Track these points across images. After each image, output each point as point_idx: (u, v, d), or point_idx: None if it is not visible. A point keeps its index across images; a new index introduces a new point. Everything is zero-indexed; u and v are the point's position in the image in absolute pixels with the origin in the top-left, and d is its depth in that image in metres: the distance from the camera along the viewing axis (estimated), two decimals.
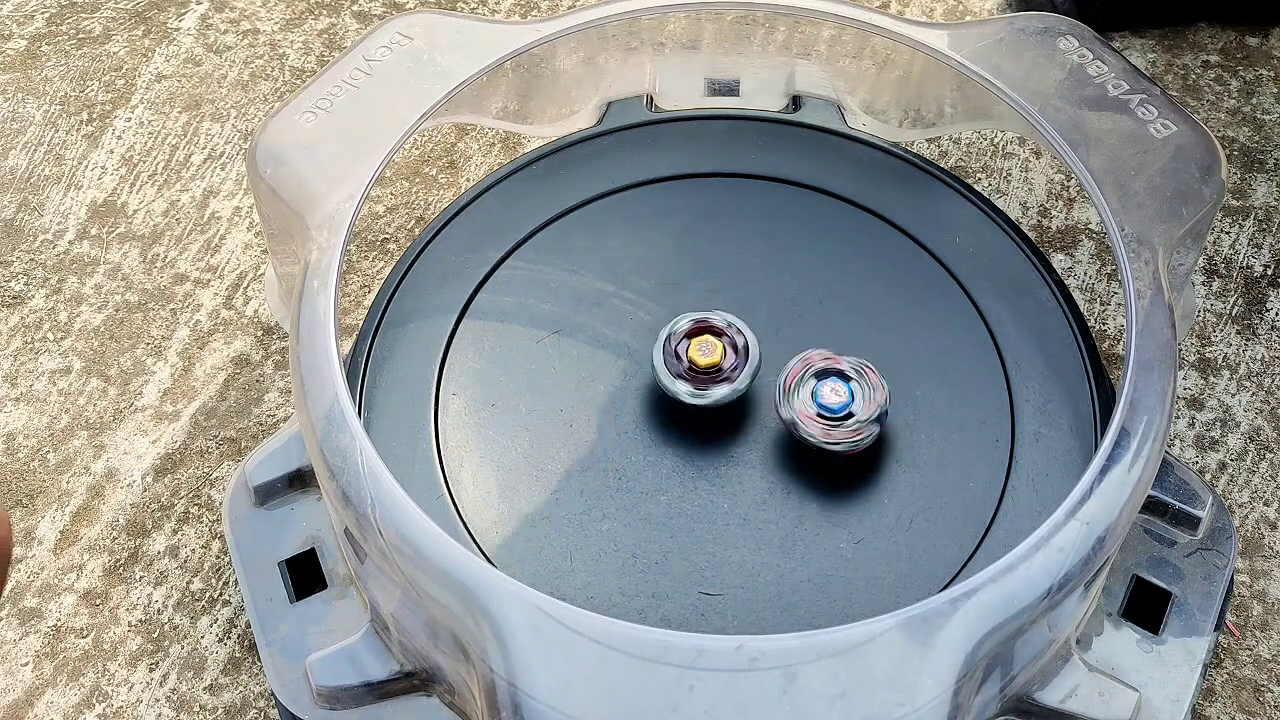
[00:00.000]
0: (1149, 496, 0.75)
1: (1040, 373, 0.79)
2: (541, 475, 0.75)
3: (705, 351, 0.75)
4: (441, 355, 0.79)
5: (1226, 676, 0.85)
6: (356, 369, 0.78)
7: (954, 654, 0.61)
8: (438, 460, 0.75)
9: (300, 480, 0.78)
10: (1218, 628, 0.76)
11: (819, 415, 0.74)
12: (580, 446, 0.76)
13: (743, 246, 0.84)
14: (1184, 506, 0.77)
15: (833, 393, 0.75)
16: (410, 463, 0.75)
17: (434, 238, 0.84)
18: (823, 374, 0.75)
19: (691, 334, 0.76)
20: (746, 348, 0.76)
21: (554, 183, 0.86)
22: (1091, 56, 0.81)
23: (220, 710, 0.84)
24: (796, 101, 0.92)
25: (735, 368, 0.76)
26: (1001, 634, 0.63)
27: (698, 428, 0.77)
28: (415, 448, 0.75)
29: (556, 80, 0.89)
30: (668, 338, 0.76)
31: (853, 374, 0.75)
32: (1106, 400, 0.77)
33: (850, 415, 0.74)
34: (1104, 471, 0.67)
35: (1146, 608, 0.76)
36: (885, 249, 0.84)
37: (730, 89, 0.92)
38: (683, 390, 0.75)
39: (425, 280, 0.82)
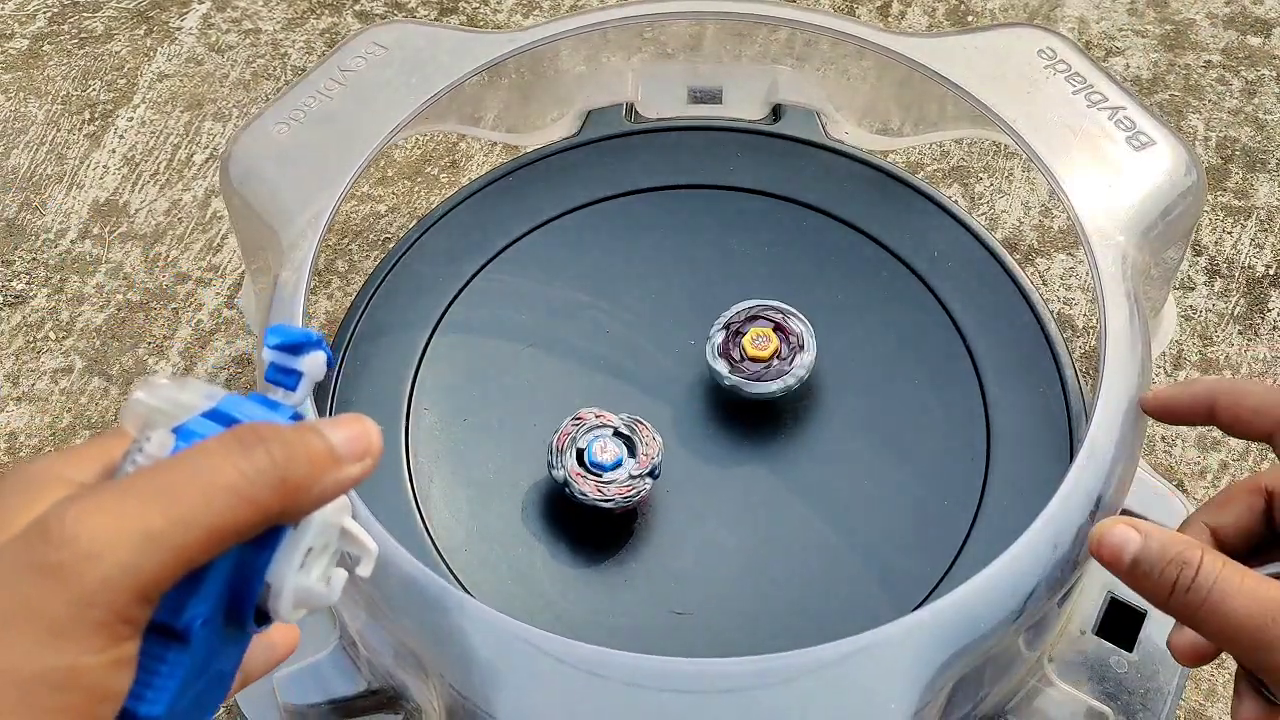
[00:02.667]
0: (1125, 512, 0.75)
1: (1016, 388, 0.78)
2: (513, 492, 0.75)
3: (759, 344, 0.75)
4: (414, 369, 0.79)
5: (1228, 677, 0.85)
6: (328, 383, 0.78)
7: (918, 677, 0.61)
8: (407, 477, 0.75)
9: None
10: None
11: (589, 473, 0.73)
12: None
13: (719, 258, 0.84)
14: (1160, 522, 0.76)
15: (602, 450, 0.74)
16: (378, 480, 0.75)
17: (408, 250, 0.84)
18: (594, 431, 0.74)
19: (748, 323, 0.77)
20: (800, 340, 0.76)
21: (529, 195, 0.86)
22: (1071, 68, 0.81)
23: None
24: (777, 110, 0.91)
25: (786, 359, 0.76)
26: (968, 656, 0.62)
27: (671, 446, 0.76)
28: (384, 464, 0.75)
29: (536, 88, 0.89)
30: (727, 324, 0.77)
31: (626, 430, 0.74)
32: (1081, 415, 0.76)
33: (620, 468, 0.73)
34: (1074, 491, 0.66)
35: (1121, 625, 0.76)
36: (861, 261, 0.84)
37: (712, 97, 0.91)
38: (731, 375, 0.75)
39: (399, 293, 0.82)
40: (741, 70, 0.92)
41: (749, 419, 0.78)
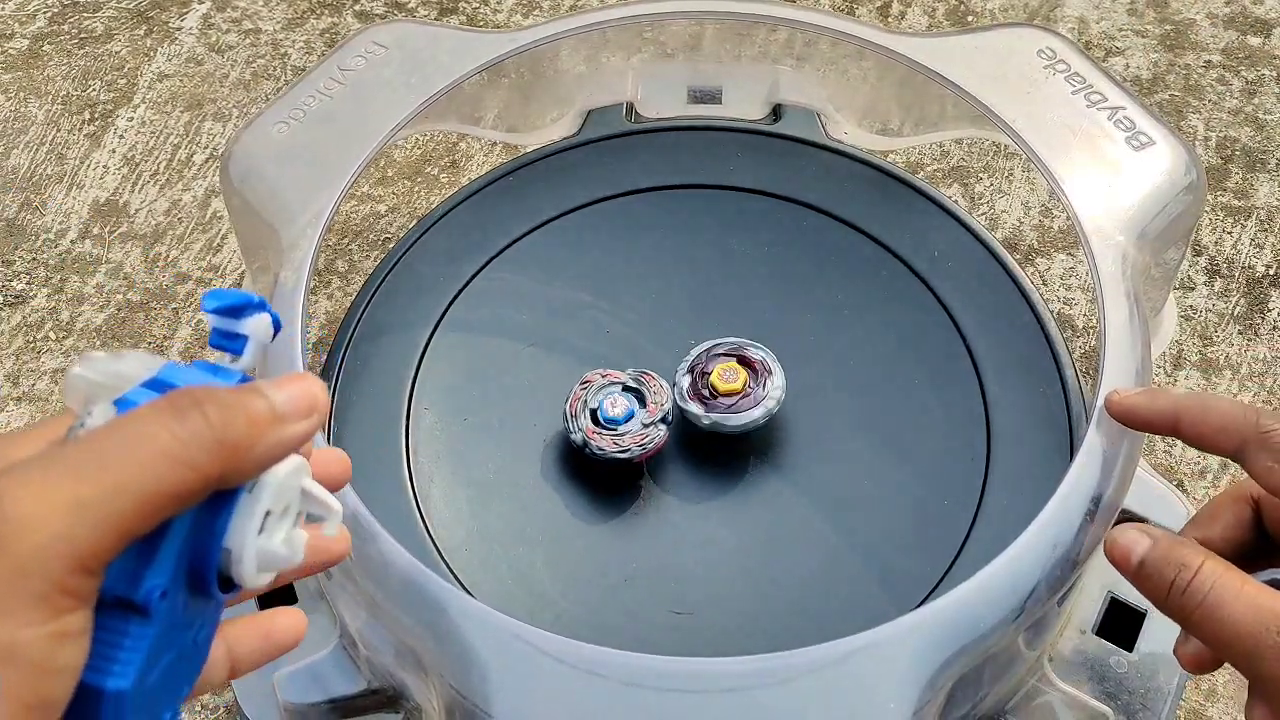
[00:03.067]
0: (1125, 512, 0.75)
1: (1016, 388, 0.78)
2: (514, 492, 0.75)
3: (728, 378, 0.75)
4: (414, 369, 0.79)
5: (1228, 676, 0.85)
6: (328, 383, 0.78)
7: (918, 676, 0.61)
8: (408, 476, 0.75)
9: None
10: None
11: (604, 429, 0.75)
12: (554, 462, 0.76)
13: (719, 258, 0.84)
14: (1160, 522, 0.76)
15: (612, 406, 0.75)
16: (379, 480, 0.75)
17: (408, 250, 0.84)
18: (603, 391, 0.76)
19: (711, 361, 0.76)
20: (765, 365, 0.76)
21: (529, 195, 0.86)
22: (1071, 68, 0.81)
23: (222, 710, 0.85)
24: (777, 110, 0.91)
25: (753, 391, 0.75)
26: (967, 656, 0.62)
27: (671, 445, 0.76)
28: (384, 464, 0.75)
29: (536, 88, 0.89)
30: (695, 360, 0.76)
31: (634, 384, 0.76)
32: (1081, 415, 0.76)
33: (633, 418, 0.75)
34: (1074, 492, 0.66)
35: (1121, 625, 0.76)
36: (861, 261, 0.84)
37: (712, 97, 0.91)
38: (709, 414, 0.75)
39: (399, 293, 0.82)
40: (741, 70, 0.92)
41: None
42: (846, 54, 0.87)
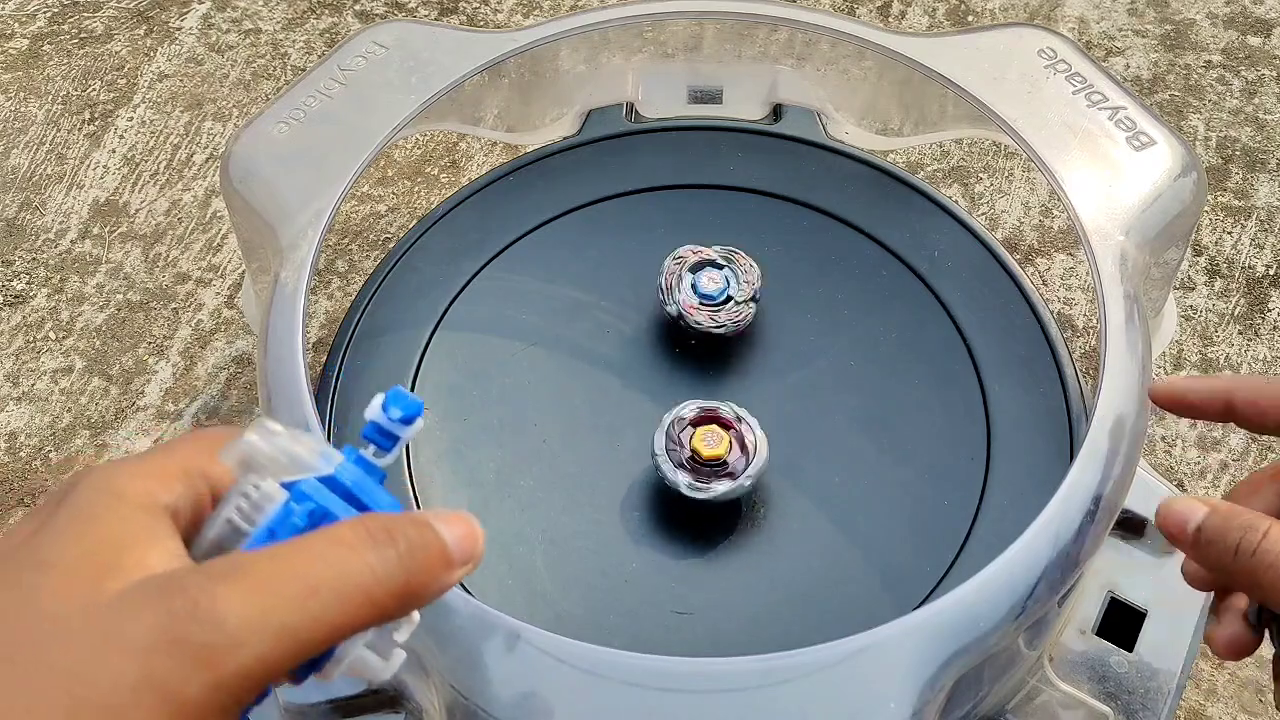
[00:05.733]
0: (1125, 513, 0.75)
1: (1016, 388, 0.78)
2: (514, 491, 0.75)
3: (710, 443, 0.73)
4: (414, 369, 0.79)
5: (1229, 677, 0.84)
6: (328, 383, 0.78)
7: (918, 676, 0.61)
8: (408, 476, 0.75)
9: None
10: (1194, 646, 0.75)
11: (701, 304, 0.77)
12: (554, 462, 0.76)
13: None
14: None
15: (710, 281, 0.78)
16: None
17: (408, 250, 0.84)
18: (697, 267, 0.79)
19: (697, 423, 0.75)
20: (754, 444, 0.74)
21: (529, 195, 0.86)
22: (1072, 68, 0.81)
23: None
24: (778, 110, 0.91)
25: (739, 462, 0.74)
26: (968, 656, 0.62)
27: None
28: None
29: (536, 88, 0.89)
30: (672, 423, 0.75)
31: (724, 261, 0.79)
32: (1082, 416, 0.76)
33: (729, 299, 0.78)
34: (1074, 492, 0.66)
35: (1121, 625, 0.76)
36: (863, 262, 0.84)
37: (712, 97, 0.91)
38: (683, 481, 0.73)
39: (399, 293, 0.82)
40: (742, 70, 0.92)
41: None
42: (847, 54, 0.87)
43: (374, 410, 0.43)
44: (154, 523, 0.39)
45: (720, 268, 0.78)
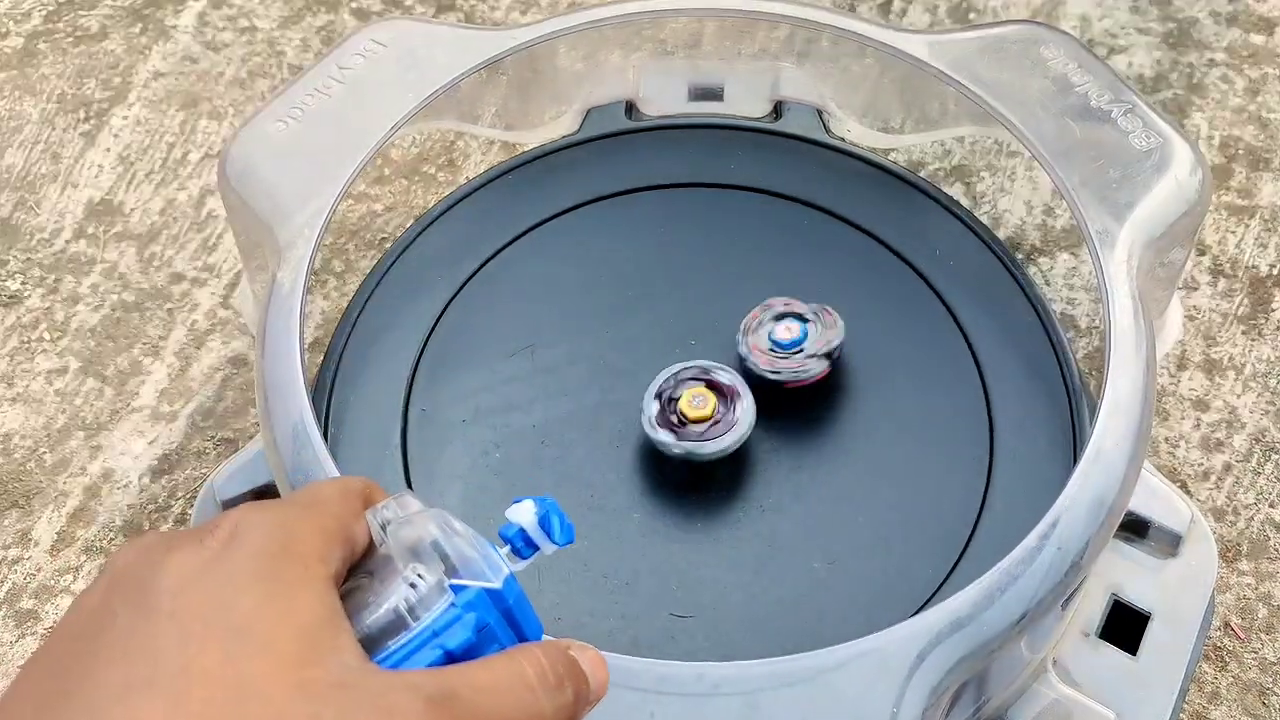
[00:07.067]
0: (1128, 514, 0.74)
1: (1019, 388, 0.78)
2: (512, 493, 0.74)
3: (698, 404, 0.74)
4: (411, 370, 0.79)
5: (1231, 679, 0.84)
6: (324, 384, 0.77)
7: (921, 682, 0.61)
8: (405, 479, 0.75)
9: (269, 495, 0.78)
10: (1197, 649, 0.75)
11: (772, 350, 0.76)
12: (552, 464, 0.76)
13: (721, 257, 0.84)
14: (1164, 525, 0.76)
15: (786, 330, 0.77)
16: (376, 481, 0.74)
17: (406, 249, 0.83)
18: (781, 316, 0.77)
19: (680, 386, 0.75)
20: (738, 398, 0.75)
21: (528, 193, 0.86)
22: (1076, 65, 0.80)
23: None
24: (779, 107, 0.91)
25: (723, 417, 0.75)
26: (971, 660, 0.62)
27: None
28: (382, 466, 0.75)
29: (536, 86, 0.89)
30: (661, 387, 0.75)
31: (811, 316, 0.77)
32: (1085, 417, 0.76)
33: (801, 350, 0.76)
34: (1079, 494, 0.66)
35: (1125, 628, 0.75)
36: (864, 261, 0.84)
37: (713, 94, 0.91)
38: (680, 442, 0.74)
39: (396, 293, 0.82)
40: (743, 67, 0.91)
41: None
42: (848, 51, 0.87)
43: (527, 518, 0.45)
44: (336, 601, 0.39)
45: (803, 321, 0.77)
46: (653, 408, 0.75)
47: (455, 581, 0.41)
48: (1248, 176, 1.08)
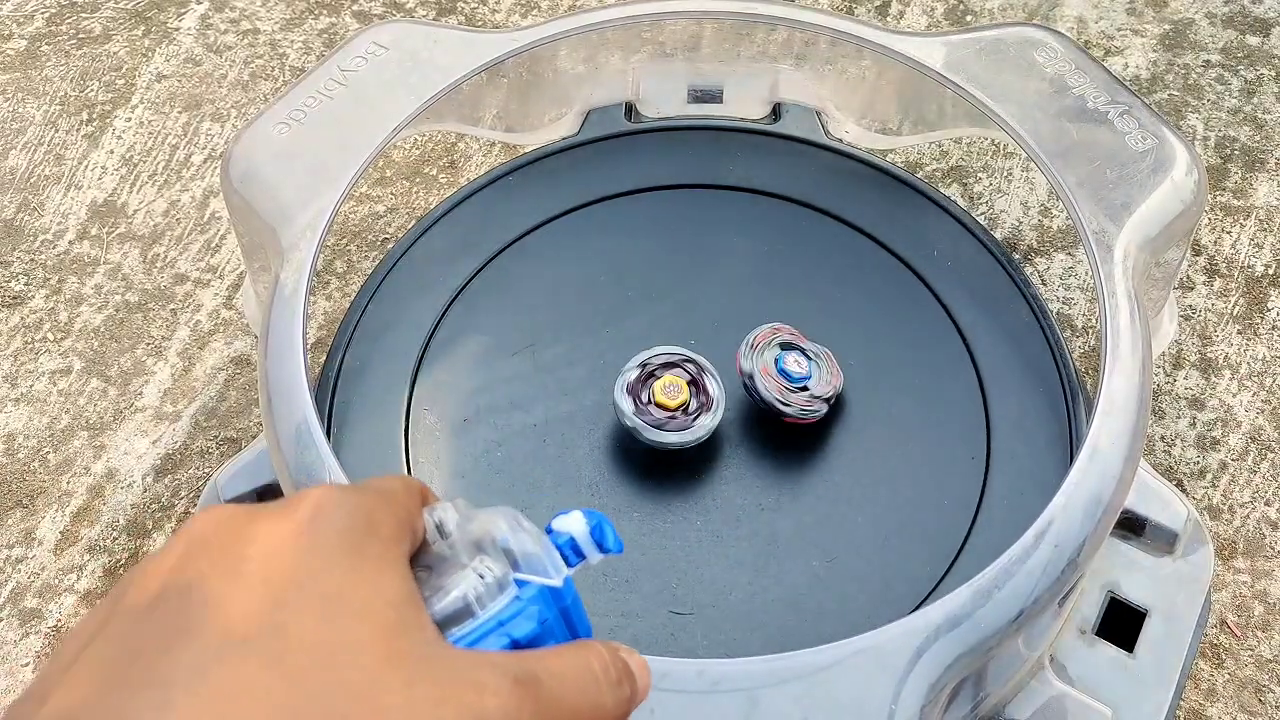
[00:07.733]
0: (1125, 512, 0.75)
1: (1016, 388, 0.78)
2: (513, 492, 0.75)
3: (671, 393, 0.74)
4: (413, 370, 0.79)
5: (1228, 677, 0.84)
6: (327, 384, 0.78)
7: (919, 679, 0.61)
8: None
9: (271, 494, 0.78)
10: (1194, 646, 0.75)
11: (779, 376, 0.76)
12: (553, 463, 0.76)
13: (721, 258, 0.84)
14: (1160, 523, 0.76)
15: (795, 364, 0.76)
16: None
17: (407, 250, 0.84)
18: (787, 345, 0.77)
19: (659, 371, 0.75)
20: (710, 387, 0.75)
21: (528, 195, 0.86)
22: (1073, 67, 0.81)
23: None
24: (778, 109, 0.91)
25: (700, 408, 0.75)
26: (969, 658, 0.62)
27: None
28: (385, 465, 0.75)
29: (536, 88, 0.89)
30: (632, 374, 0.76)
31: (812, 355, 0.77)
32: (1082, 416, 0.76)
33: (806, 388, 0.76)
34: (1075, 493, 0.66)
35: (1122, 625, 0.76)
36: (862, 261, 0.84)
37: (713, 96, 0.91)
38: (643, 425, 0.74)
39: (398, 294, 0.82)
40: (742, 69, 0.92)
41: (748, 420, 0.78)
42: (846, 53, 0.87)
43: (578, 529, 0.46)
44: (414, 583, 0.40)
45: (808, 358, 0.77)
46: (631, 374, 0.75)
47: (520, 576, 0.42)
48: (1243, 177, 1.09)
